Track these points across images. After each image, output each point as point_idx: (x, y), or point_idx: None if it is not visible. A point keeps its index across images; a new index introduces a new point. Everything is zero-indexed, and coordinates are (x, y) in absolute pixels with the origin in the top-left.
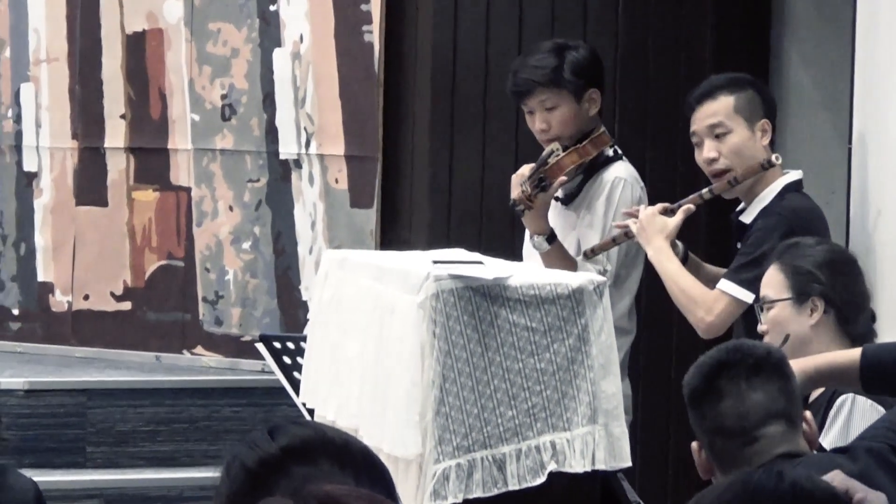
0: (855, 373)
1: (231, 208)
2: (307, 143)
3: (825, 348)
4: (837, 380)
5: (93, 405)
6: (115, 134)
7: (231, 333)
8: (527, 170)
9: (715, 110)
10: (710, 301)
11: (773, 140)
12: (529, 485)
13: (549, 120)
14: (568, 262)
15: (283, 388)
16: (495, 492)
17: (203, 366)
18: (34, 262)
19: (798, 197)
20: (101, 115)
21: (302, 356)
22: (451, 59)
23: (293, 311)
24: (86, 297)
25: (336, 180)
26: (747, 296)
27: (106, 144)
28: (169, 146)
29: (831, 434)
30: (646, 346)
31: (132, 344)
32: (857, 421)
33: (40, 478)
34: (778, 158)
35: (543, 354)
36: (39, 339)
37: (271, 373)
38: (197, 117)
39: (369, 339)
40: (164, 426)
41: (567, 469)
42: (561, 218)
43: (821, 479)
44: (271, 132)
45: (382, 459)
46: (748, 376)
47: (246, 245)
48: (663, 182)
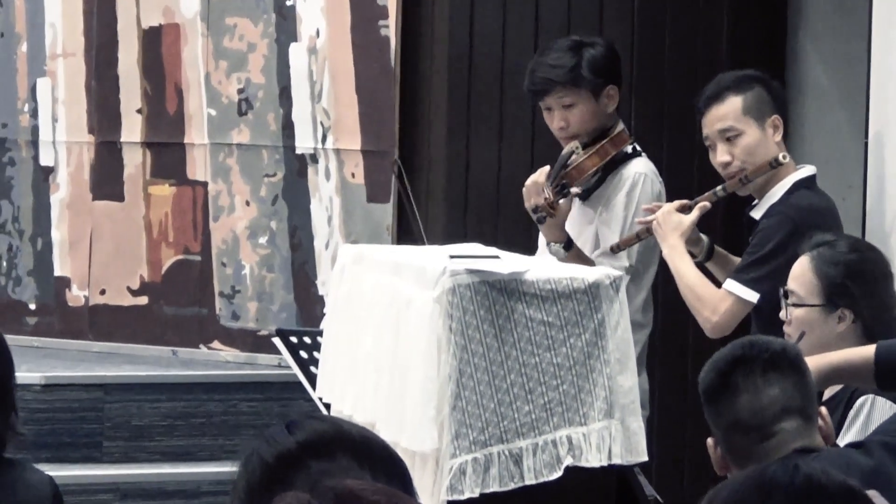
0: (869, 370)
1: (247, 203)
2: (323, 138)
3: None
4: (852, 377)
5: (109, 400)
6: (132, 129)
7: (248, 328)
8: (542, 175)
9: (724, 113)
10: (715, 301)
11: (787, 132)
12: (546, 479)
13: (567, 118)
14: (585, 263)
15: (299, 383)
16: (512, 486)
17: (220, 360)
18: (51, 256)
19: (807, 194)
20: (118, 109)
21: (318, 351)
22: (468, 54)
23: (309, 306)
24: (102, 291)
25: (352, 175)
26: (752, 295)
27: (122, 139)
28: (185, 141)
29: (850, 434)
30: (662, 341)
31: (149, 338)
32: (877, 422)
33: (57, 472)
34: (785, 157)
35: (560, 349)
36: (56, 333)
37: (288, 367)
38: (213, 112)
39: (386, 333)
40: (180, 421)
41: (583, 463)
42: (579, 213)
43: (836, 472)
44: (288, 127)
45: (399, 454)
46: (764, 372)
47: (262, 240)
48: (680, 177)
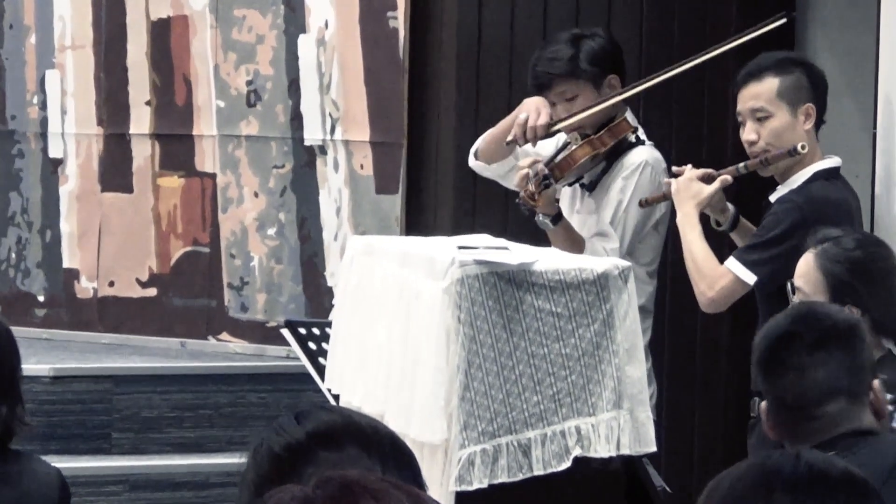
0: None
1: (256, 194)
2: (332, 130)
3: None
4: None
5: (118, 391)
6: (141, 120)
7: (256, 319)
8: (527, 162)
9: (758, 92)
10: (714, 276)
11: (822, 121)
12: (554, 470)
13: (570, 110)
14: (575, 242)
15: (308, 374)
16: (520, 477)
17: (228, 352)
18: (60, 248)
19: (824, 185)
20: (127, 101)
21: (327, 342)
22: (476, 45)
23: (318, 298)
24: (111, 283)
25: (361, 166)
26: (750, 277)
27: (131, 131)
28: (194, 132)
29: None
30: (671, 331)
31: (158, 330)
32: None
33: (66, 464)
34: (804, 147)
35: (568, 340)
36: (65, 325)
37: (297, 359)
38: (222, 104)
39: (395, 324)
40: (189, 412)
41: (592, 454)
42: (585, 204)
43: (839, 460)
44: (296, 118)
45: (408, 445)
46: (811, 351)
47: (271, 231)
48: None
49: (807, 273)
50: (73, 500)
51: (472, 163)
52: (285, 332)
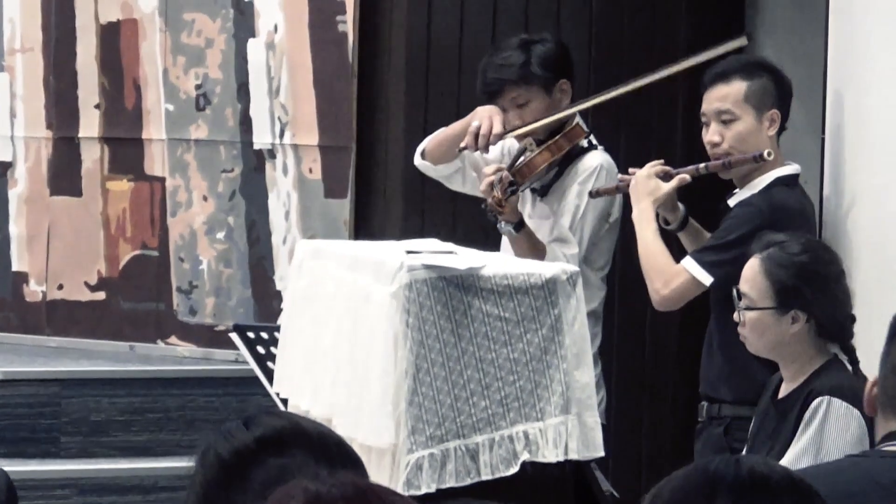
0: None
1: (205, 198)
2: (281, 133)
3: (802, 350)
4: None
5: (67, 395)
6: (90, 124)
7: (205, 323)
8: (492, 170)
9: (725, 94)
10: (670, 274)
11: (784, 127)
12: (502, 474)
13: (522, 116)
14: (536, 248)
15: (257, 378)
16: (468, 481)
17: (177, 355)
18: (8, 251)
19: (784, 192)
20: (76, 105)
21: (276, 346)
22: (426, 49)
23: (267, 301)
24: (60, 286)
25: (310, 170)
26: (706, 278)
27: (80, 134)
28: (143, 136)
29: (805, 437)
30: (620, 336)
31: (106, 334)
32: (833, 424)
33: (14, 468)
34: (770, 154)
35: (517, 344)
36: (14, 328)
37: (245, 363)
38: (171, 107)
39: (343, 328)
40: (138, 416)
41: (540, 459)
42: (538, 209)
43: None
44: (245, 122)
45: (356, 449)
46: None
47: (220, 235)
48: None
49: (752, 278)
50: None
51: (418, 161)
52: (234, 336)
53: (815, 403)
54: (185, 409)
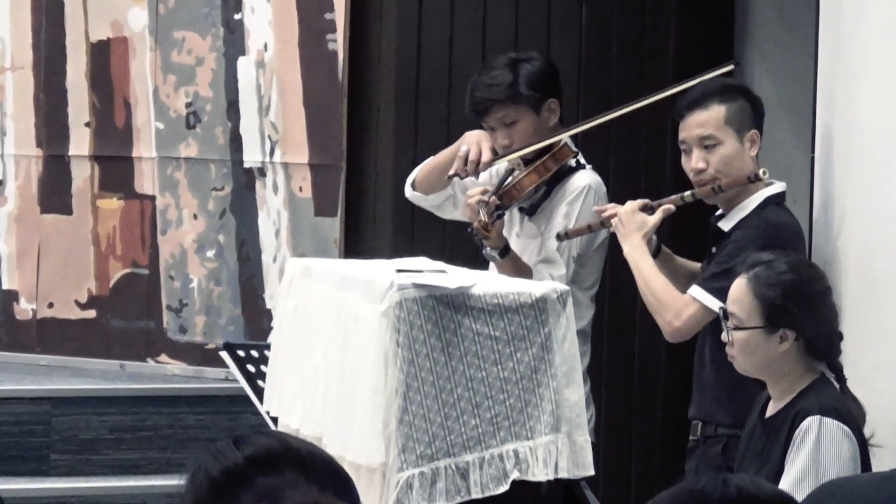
0: None
1: (195, 216)
2: (271, 152)
3: (790, 369)
4: None
5: (57, 413)
6: (80, 142)
7: (195, 341)
8: (478, 191)
9: (705, 120)
10: (679, 306)
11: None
12: (492, 493)
13: (510, 135)
14: (522, 271)
15: (246, 397)
16: (458, 500)
17: (167, 374)
18: None
19: (777, 211)
20: (66, 123)
21: (266, 364)
22: (415, 68)
23: (257, 320)
24: (50, 304)
25: (300, 189)
26: (715, 304)
27: (70, 152)
28: (133, 154)
29: (800, 458)
30: (608, 356)
31: (96, 352)
32: (827, 444)
33: (4, 486)
34: (765, 173)
35: (507, 363)
36: (3, 346)
37: (235, 381)
38: (161, 125)
39: (333, 347)
40: (128, 434)
41: (530, 478)
42: (525, 228)
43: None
44: (235, 140)
45: (346, 468)
46: None
47: (210, 253)
48: (626, 191)
49: (740, 298)
50: None
51: (409, 193)
52: (224, 355)
53: (807, 423)
54: (175, 427)
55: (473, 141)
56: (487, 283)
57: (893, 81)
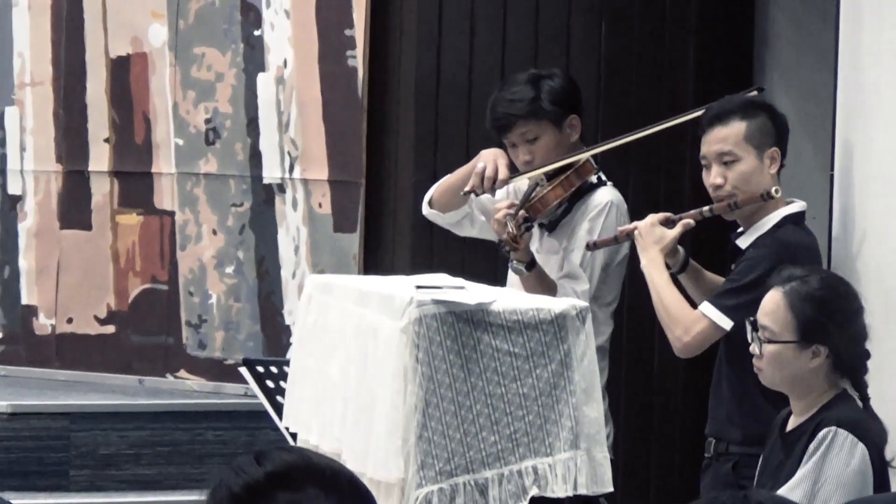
0: None
1: (215, 232)
2: (291, 168)
3: (817, 384)
4: None
5: (76, 428)
6: (100, 158)
7: (214, 357)
8: (505, 206)
9: (725, 136)
10: (689, 321)
11: (783, 164)
12: None
13: (532, 151)
14: (547, 286)
15: (266, 412)
16: None
17: (186, 389)
18: (18, 285)
19: (794, 230)
20: (86, 138)
21: (285, 380)
22: (435, 84)
23: (276, 336)
24: (69, 320)
25: (319, 205)
26: (726, 322)
27: (90, 168)
28: (153, 170)
29: (808, 465)
30: (627, 370)
31: (115, 367)
32: (835, 455)
33: (23, 501)
34: (778, 192)
35: (526, 379)
36: (23, 361)
37: (254, 397)
38: (181, 141)
39: (352, 363)
40: (147, 449)
41: (549, 494)
42: (545, 244)
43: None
44: (255, 156)
45: (365, 484)
46: None
47: (229, 269)
48: (646, 207)
49: (775, 311)
50: None
51: (426, 211)
52: (243, 370)
53: (822, 434)
54: (194, 442)
55: (490, 158)
56: (507, 299)
57: None
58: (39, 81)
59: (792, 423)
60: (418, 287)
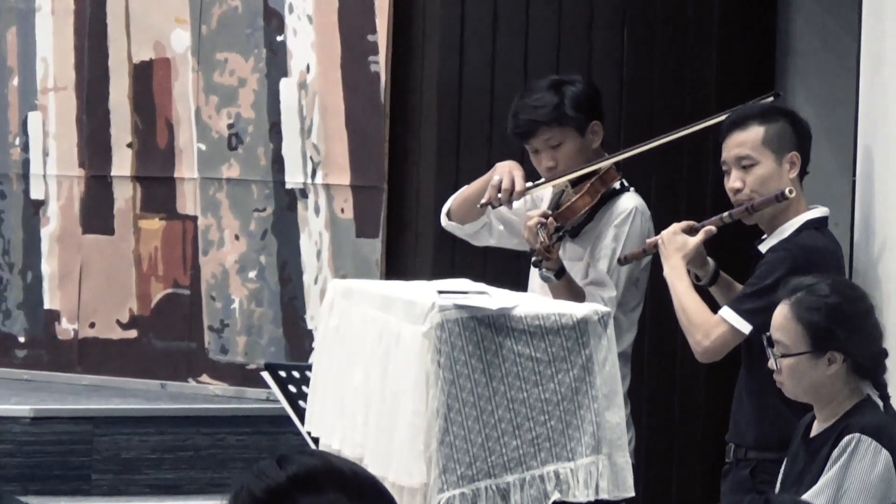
0: None
1: (237, 237)
2: (313, 173)
3: (838, 391)
4: None
5: (98, 433)
6: (122, 162)
7: (236, 362)
8: (536, 214)
9: (743, 140)
10: (709, 326)
11: (805, 171)
12: None
13: (555, 157)
14: (576, 293)
15: (288, 417)
16: None
17: (208, 394)
18: (41, 289)
19: (814, 235)
20: (108, 143)
21: (307, 385)
22: (457, 90)
23: (298, 340)
24: (92, 324)
25: (342, 210)
26: (745, 326)
27: (112, 173)
28: (175, 175)
29: (832, 472)
30: (649, 375)
31: (138, 372)
32: (858, 461)
33: None
34: (792, 192)
35: (548, 384)
36: (45, 366)
37: (276, 401)
38: (203, 146)
39: (374, 368)
40: (169, 454)
41: (570, 499)
42: (569, 250)
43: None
44: (277, 161)
45: (387, 488)
46: None
47: (252, 274)
48: (668, 213)
49: (784, 325)
50: None
51: (445, 223)
52: (265, 375)
53: (846, 440)
54: (216, 447)
55: (506, 171)
56: (529, 304)
57: None
58: (63, 86)
59: (816, 429)
60: (440, 292)
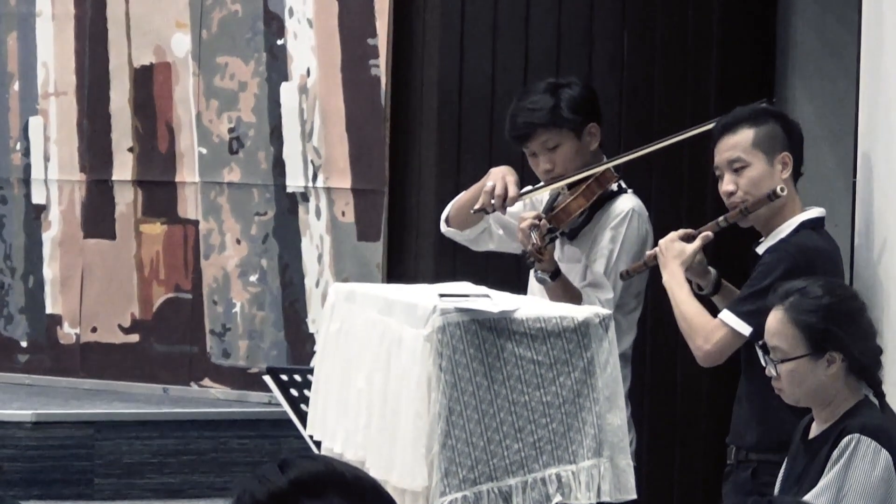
0: None
1: (238, 241)
2: (314, 177)
3: (838, 391)
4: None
5: (100, 437)
6: (123, 167)
7: (238, 366)
8: (529, 216)
9: (734, 143)
10: (709, 330)
11: (800, 172)
12: None
13: (553, 160)
14: (572, 294)
15: (290, 421)
16: None
17: (210, 398)
18: (42, 294)
19: (811, 235)
20: (109, 148)
21: (309, 389)
22: (458, 93)
23: (300, 344)
24: (94, 329)
25: (343, 213)
26: (745, 328)
27: (114, 177)
28: (176, 179)
29: (832, 473)
30: (651, 377)
31: (140, 376)
32: (858, 462)
33: None
34: (783, 190)
35: (549, 387)
36: (47, 371)
37: (278, 405)
38: (204, 150)
39: (376, 371)
40: (171, 458)
41: (572, 501)
42: (567, 252)
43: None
44: (278, 165)
45: (389, 492)
46: None
47: (253, 278)
48: (668, 215)
49: (780, 330)
50: None
51: (444, 229)
52: (267, 379)
53: (846, 441)
54: (218, 451)
55: (499, 177)
56: (530, 307)
57: None
58: (63, 91)
59: (815, 431)
60: (442, 295)
